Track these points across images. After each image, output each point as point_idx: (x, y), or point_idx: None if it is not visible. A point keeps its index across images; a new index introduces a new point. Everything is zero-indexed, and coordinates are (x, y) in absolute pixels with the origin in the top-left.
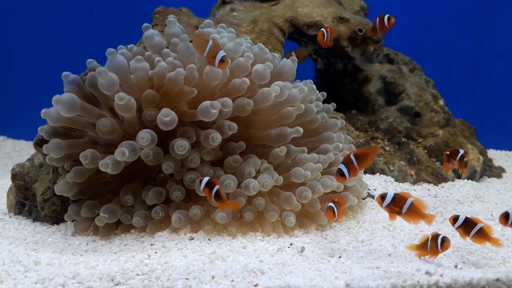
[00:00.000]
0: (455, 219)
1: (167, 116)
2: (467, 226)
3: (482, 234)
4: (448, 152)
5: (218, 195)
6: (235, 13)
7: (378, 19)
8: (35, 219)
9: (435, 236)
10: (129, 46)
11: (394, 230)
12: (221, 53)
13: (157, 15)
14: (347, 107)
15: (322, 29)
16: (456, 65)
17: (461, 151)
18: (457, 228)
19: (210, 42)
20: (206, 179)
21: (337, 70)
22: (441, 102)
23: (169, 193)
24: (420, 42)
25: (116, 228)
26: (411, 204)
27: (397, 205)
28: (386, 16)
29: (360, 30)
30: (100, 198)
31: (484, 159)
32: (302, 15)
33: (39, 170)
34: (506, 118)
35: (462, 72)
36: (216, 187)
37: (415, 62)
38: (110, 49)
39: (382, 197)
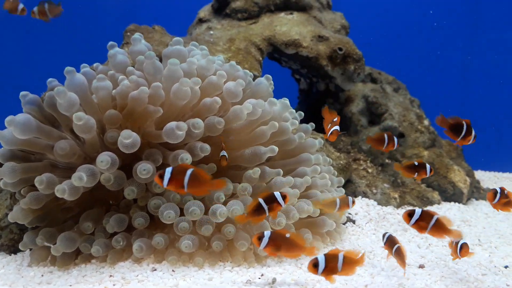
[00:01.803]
0: (410, 214)
1: (127, 138)
2: (424, 220)
3: (440, 227)
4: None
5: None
6: (211, 32)
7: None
8: None
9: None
10: (94, 65)
11: (375, 257)
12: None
13: (128, 33)
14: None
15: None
16: (443, 85)
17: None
18: (413, 224)
19: None
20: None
21: (319, 90)
22: (426, 122)
23: (131, 220)
24: (406, 61)
25: (76, 257)
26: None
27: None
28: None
29: (340, 49)
30: (59, 226)
31: (471, 181)
32: (280, 33)
33: None
34: (495, 138)
35: (449, 91)
36: (168, 170)
37: (400, 81)
38: (68, 68)
39: (410, 214)
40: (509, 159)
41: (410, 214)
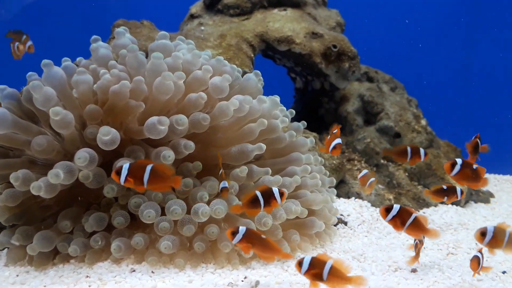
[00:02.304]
0: (387, 209)
1: (106, 135)
2: (401, 217)
3: (418, 226)
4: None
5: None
6: (202, 27)
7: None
8: None
9: None
10: (77, 59)
11: (365, 261)
12: None
13: (116, 28)
14: (326, 127)
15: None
16: (442, 86)
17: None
18: (390, 220)
19: None
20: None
21: (314, 89)
22: (423, 122)
23: (111, 219)
24: (404, 60)
25: (54, 257)
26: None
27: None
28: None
29: (335, 46)
30: (37, 224)
31: None
32: (273, 30)
33: None
34: (495, 139)
35: (449, 92)
36: (126, 166)
37: (397, 81)
38: (45, 61)
39: (387, 209)
40: (509, 161)
41: (387, 209)
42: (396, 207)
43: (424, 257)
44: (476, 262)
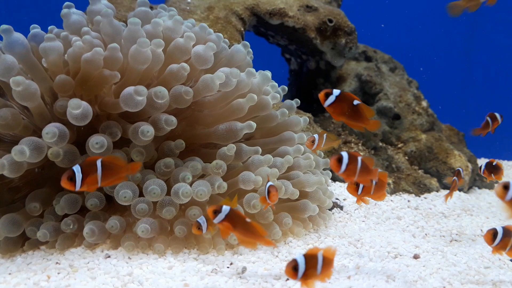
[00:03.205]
0: (339, 159)
1: (76, 108)
2: (352, 164)
3: (366, 169)
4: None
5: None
6: (189, 0)
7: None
8: None
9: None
10: (49, 27)
11: (362, 246)
12: None
13: None
14: (321, 110)
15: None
16: (445, 68)
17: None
18: (342, 172)
19: None
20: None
21: (310, 69)
22: (424, 103)
23: (85, 200)
24: (406, 42)
25: (23, 244)
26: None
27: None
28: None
29: (330, 21)
30: (5, 207)
31: (474, 168)
32: (264, 2)
33: None
34: (499, 124)
35: (452, 75)
36: (77, 168)
37: (396, 61)
38: (3, 26)
39: (339, 159)
40: None
41: (339, 160)
42: (345, 154)
43: (426, 244)
44: (491, 236)
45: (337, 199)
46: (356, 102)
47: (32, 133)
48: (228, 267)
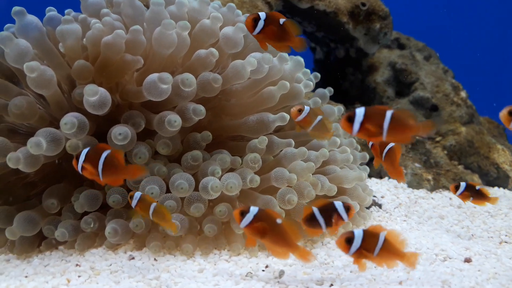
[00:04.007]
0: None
1: (93, 95)
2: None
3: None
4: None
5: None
6: None
7: None
8: None
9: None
10: (66, 11)
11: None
12: None
13: None
14: (351, 101)
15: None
16: (480, 56)
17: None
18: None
19: None
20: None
21: (338, 58)
22: (463, 94)
23: (106, 197)
24: (439, 29)
25: (40, 243)
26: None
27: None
28: None
29: (364, 4)
30: (20, 204)
31: None
32: None
33: None
34: None
35: (487, 64)
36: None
37: (431, 49)
38: (16, 8)
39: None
40: None
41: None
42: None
43: (476, 246)
44: None
45: (374, 196)
46: (282, 20)
47: (48, 124)
48: (263, 270)
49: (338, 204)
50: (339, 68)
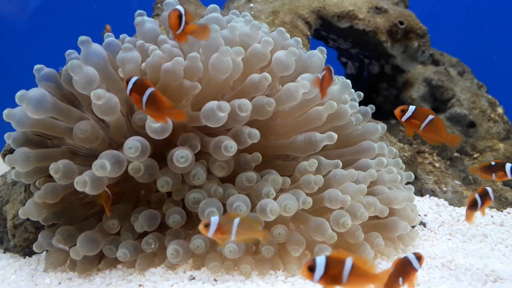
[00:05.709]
0: (402, 110)
1: (156, 122)
2: (417, 118)
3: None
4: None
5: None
6: (252, 4)
7: None
8: (6, 250)
9: None
10: (121, 36)
11: (457, 269)
12: None
13: (159, 5)
14: (385, 117)
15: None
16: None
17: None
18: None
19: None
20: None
21: (372, 74)
22: (499, 110)
23: (165, 217)
24: (470, 42)
25: (99, 262)
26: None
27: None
28: None
29: (402, 23)
30: (79, 224)
31: None
32: (331, 4)
33: (11, 189)
34: None
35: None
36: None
37: (464, 64)
38: (82, 37)
39: (403, 110)
40: None
41: (403, 110)
42: (412, 108)
43: None
44: None
45: (418, 215)
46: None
47: (108, 146)
48: None
49: (411, 257)
50: (372, 83)
